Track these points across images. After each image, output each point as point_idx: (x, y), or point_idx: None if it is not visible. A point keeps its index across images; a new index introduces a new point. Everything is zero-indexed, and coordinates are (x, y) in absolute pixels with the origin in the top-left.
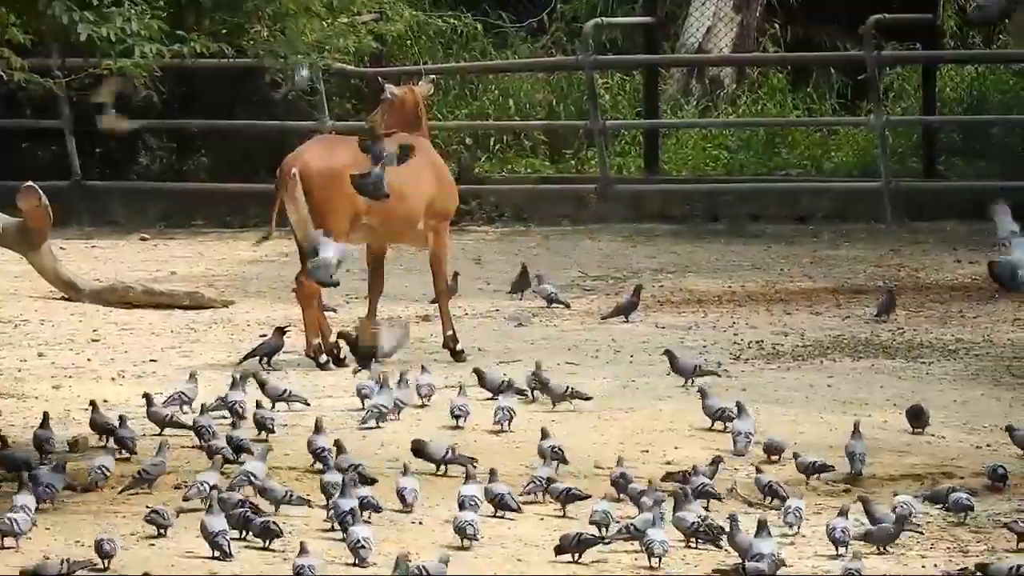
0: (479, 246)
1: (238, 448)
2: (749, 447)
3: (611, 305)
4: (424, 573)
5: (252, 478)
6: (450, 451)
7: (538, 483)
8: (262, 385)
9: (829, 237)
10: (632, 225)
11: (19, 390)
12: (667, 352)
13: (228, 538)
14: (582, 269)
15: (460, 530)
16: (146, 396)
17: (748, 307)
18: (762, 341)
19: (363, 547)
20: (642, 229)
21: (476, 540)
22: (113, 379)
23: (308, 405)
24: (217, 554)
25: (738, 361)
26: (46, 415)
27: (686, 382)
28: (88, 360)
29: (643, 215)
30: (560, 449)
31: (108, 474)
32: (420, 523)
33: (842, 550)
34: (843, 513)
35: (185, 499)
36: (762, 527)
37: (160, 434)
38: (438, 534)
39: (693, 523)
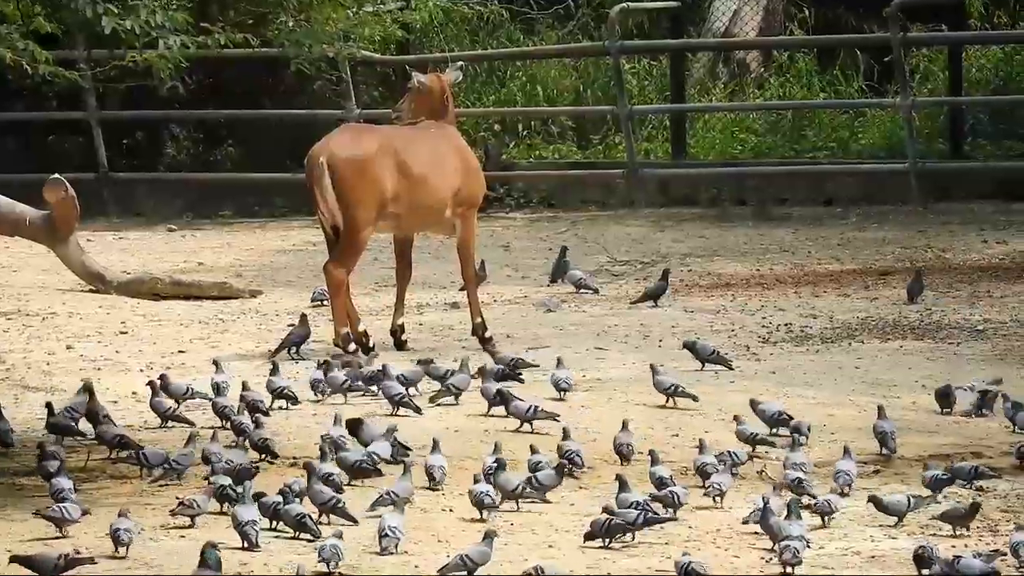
0: (507, 233)
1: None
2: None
3: (640, 290)
4: (468, 562)
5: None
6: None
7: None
8: (165, 387)
9: (856, 219)
10: (660, 210)
11: (48, 383)
12: (686, 344)
13: (257, 528)
14: (610, 254)
15: (478, 502)
16: (151, 384)
17: (776, 290)
18: (791, 324)
19: (387, 535)
20: (670, 213)
21: (495, 509)
22: (142, 371)
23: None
24: (245, 544)
25: (767, 344)
26: None
27: (702, 366)
28: (116, 352)
29: (670, 199)
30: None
31: None
32: (451, 510)
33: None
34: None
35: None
36: (791, 510)
37: (164, 425)
38: (468, 520)
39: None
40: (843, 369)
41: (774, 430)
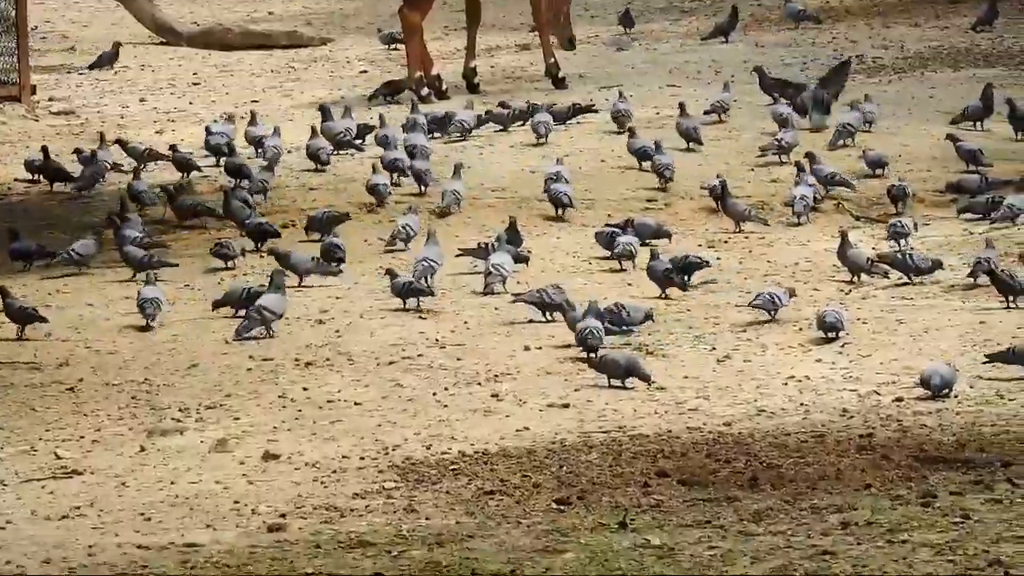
0: None
1: None
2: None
3: (710, 26)
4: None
5: None
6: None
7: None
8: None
9: None
10: None
11: (122, 136)
12: (757, 69)
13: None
14: None
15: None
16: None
17: (847, 22)
18: (863, 55)
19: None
20: None
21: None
22: (215, 122)
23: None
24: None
25: None
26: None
27: (775, 102)
28: (190, 104)
29: None
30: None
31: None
32: None
33: None
34: None
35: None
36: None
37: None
38: None
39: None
40: (916, 99)
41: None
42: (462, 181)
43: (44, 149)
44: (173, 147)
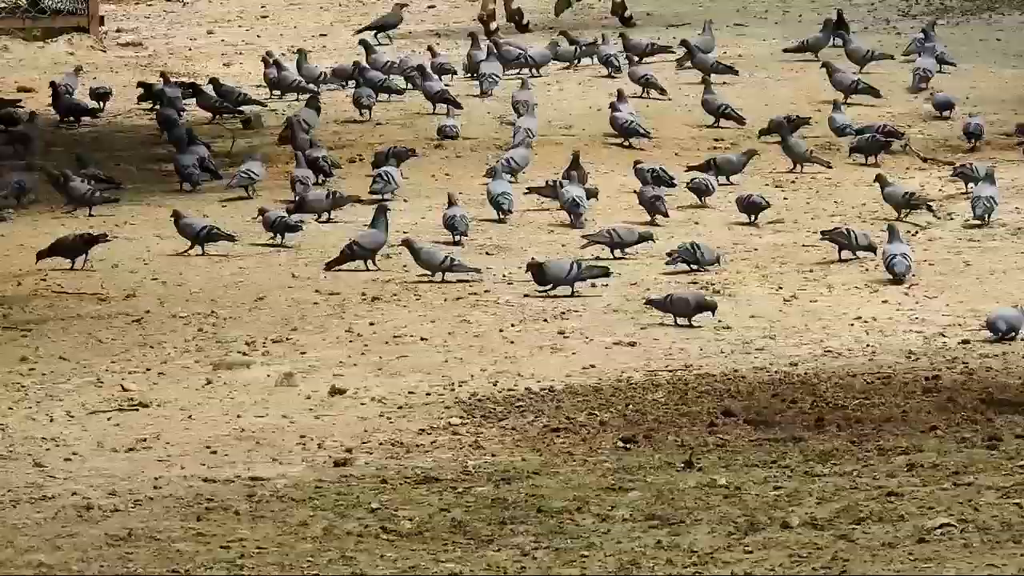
0: None
1: None
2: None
3: None
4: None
5: None
6: None
7: None
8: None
9: None
10: None
11: (190, 69)
12: (839, 12)
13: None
14: None
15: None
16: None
17: None
18: None
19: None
20: None
21: None
22: (283, 55)
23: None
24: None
25: (906, 17)
26: None
27: (845, 44)
28: (258, 37)
29: None
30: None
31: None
32: None
33: None
34: None
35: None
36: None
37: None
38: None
39: None
40: (985, 41)
41: None
42: (535, 118)
43: (52, 84)
44: (235, 86)
